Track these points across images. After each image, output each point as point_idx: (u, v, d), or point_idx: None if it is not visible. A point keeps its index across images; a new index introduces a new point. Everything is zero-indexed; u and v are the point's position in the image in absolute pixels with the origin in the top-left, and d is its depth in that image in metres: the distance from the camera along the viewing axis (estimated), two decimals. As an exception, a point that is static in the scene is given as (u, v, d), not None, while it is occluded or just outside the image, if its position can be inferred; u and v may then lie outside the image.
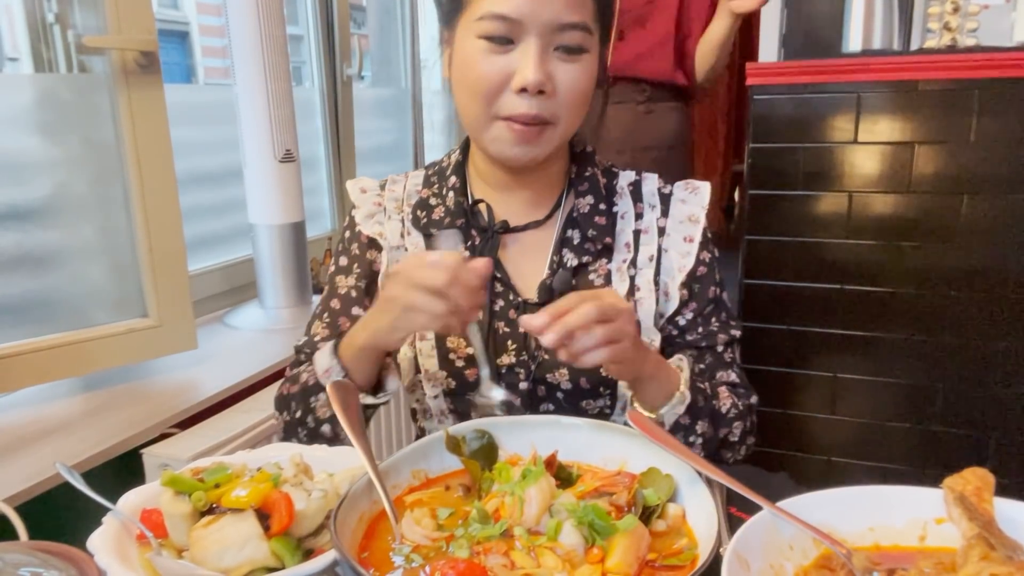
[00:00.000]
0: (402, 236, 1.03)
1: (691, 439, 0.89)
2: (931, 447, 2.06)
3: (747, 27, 4.30)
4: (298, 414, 0.94)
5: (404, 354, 0.98)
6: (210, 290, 1.88)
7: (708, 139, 4.64)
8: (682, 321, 1.00)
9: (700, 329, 1.00)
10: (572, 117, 0.92)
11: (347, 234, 1.07)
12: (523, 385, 0.95)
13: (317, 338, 1.01)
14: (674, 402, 0.86)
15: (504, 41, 0.87)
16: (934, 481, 0.64)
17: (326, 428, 0.92)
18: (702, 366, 0.99)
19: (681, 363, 0.91)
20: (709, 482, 0.64)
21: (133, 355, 1.44)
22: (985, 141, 1.88)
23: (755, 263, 2.11)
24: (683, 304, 0.99)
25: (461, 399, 0.97)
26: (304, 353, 1.02)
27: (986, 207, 1.90)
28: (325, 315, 1.03)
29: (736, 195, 4.06)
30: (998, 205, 1.90)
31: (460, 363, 0.96)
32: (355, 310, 1.02)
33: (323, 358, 0.89)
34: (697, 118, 4.63)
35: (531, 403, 0.96)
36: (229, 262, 1.95)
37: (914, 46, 2.01)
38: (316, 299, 1.82)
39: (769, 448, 2.18)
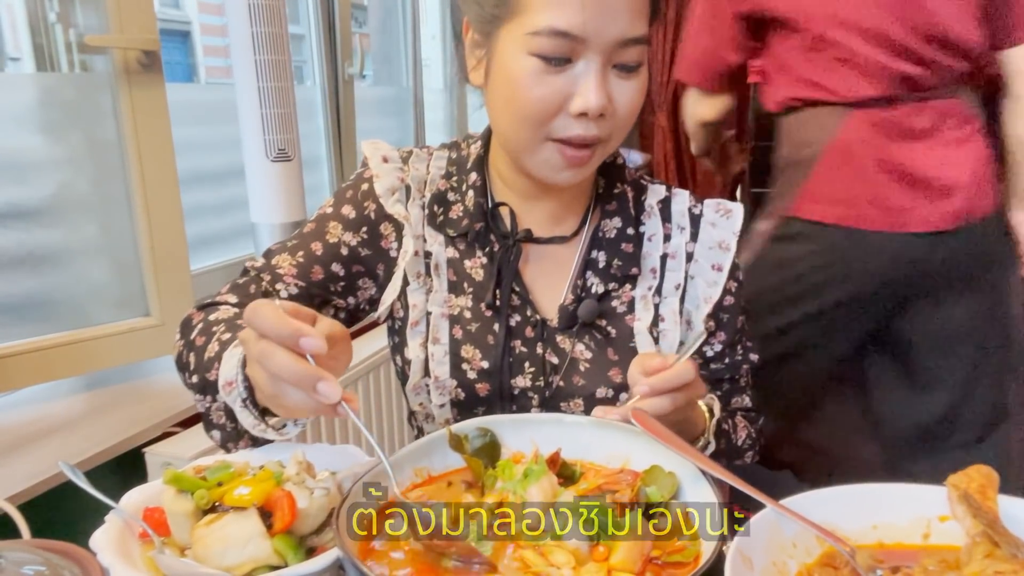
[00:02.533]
0: (423, 226, 0.95)
1: None
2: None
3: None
4: (189, 360, 0.84)
5: (415, 355, 0.92)
6: (212, 289, 1.86)
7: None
8: (709, 352, 0.97)
9: (727, 360, 0.98)
10: (623, 133, 0.86)
11: (365, 187, 0.94)
12: (535, 411, 0.91)
13: (281, 271, 0.91)
14: (699, 446, 0.85)
15: (561, 62, 0.79)
16: (936, 480, 0.64)
17: (215, 434, 0.82)
18: (726, 401, 0.97)
19: (713, 404, 0.88)
20: (711, 480, 0.64)
21: (135, 354, 1.44)
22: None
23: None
24: (711, 334, 0.96)
25: (468, 412, 0.92)
26: (253, 275, 0.93)
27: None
28: (300, 253, 0.92)
29: (738, 194, 4.06)
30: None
31: (473, 375, 0.91)
32: (335, 266, 0.93)
33: (228, 367, 0.72)
34: (699, 116, 4.63)
35: None
36: (231, 261, 1.94)
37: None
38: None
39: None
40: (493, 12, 0.82)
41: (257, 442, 0.80)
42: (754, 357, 1.00)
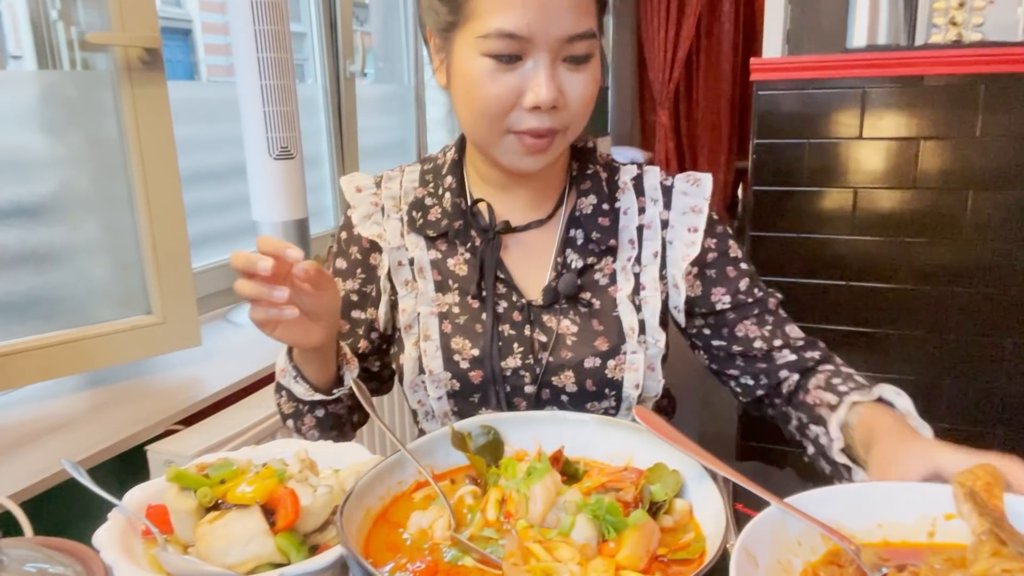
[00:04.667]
0: (402, 236, 1.01)
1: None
2: (936, 444, 2.05)
3: (751, 22, 4.30)
4: (279, 403, 1.02)
5: (408, 354, 0.96)
6: (214, 287, 1.88)
7: (712, 135, 4.63)
8: (719, 306, 0.98)
9: (749, 299, 0.99)
10: (581, 121, 0.90)
11: (344, 235, 1.05)
12: (528, 388, 0.94)
13: None
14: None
15: (512, 60, 0.84)
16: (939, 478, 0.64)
17: (289, 423, 1.00)
18: (775, 333, 0.98)
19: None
20: (716, 478, 0.64)
21: (137, 352, 1.44)
22: (991, 136, 1.87)
23: (759, 260, 2.11)
24: (709, 288, 0.98)
25: (465, 401, 0.95)
26: None
27: (992, 202, 1.90)
28: None
29: (740, 192, 4.06)
30: (1004, 200, 1.89)
31: (465, 364, 0.94)
32: (355, 313, 1.02)
33: (280, 358, 0.94)
34: (701, 115, 4.63)
35: (536, 406, 0.95)
36: (233, 259, 1.94)
37: (919, 41, 2.00)
38: (320, 296, 1.82)
39: (775, 444, 2.17)
40: (448, 19, 0.88)
41: (320, 420, 0.98)
42: (779, 296, 1.02)
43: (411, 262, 1.00)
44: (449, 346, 0.95)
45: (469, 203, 0.99)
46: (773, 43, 2.31)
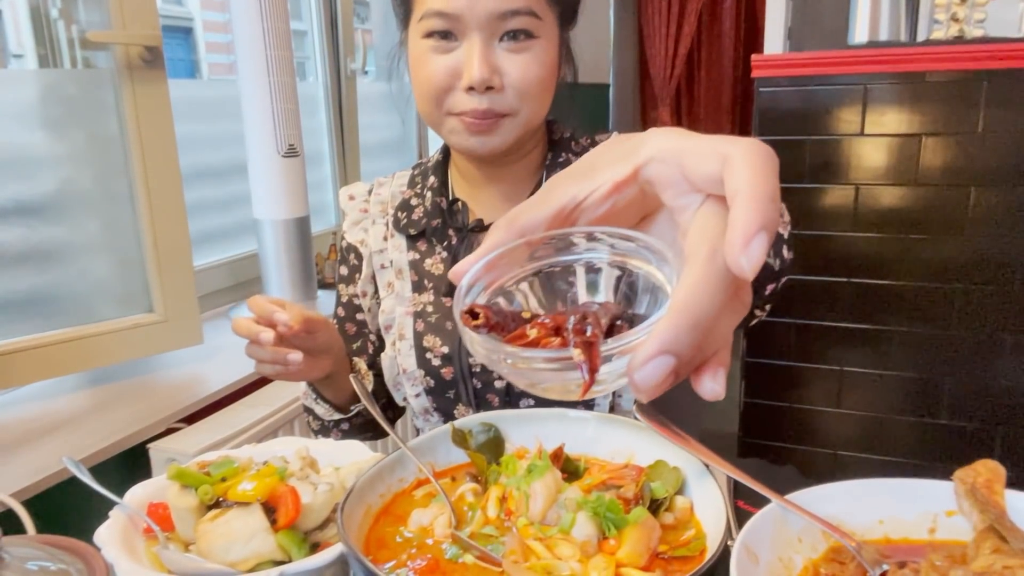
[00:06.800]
0: (385, 239, 1.03)
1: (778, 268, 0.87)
2: (938, 440, 2.05)
3: (753, 19, 4.29)
4: (308, 422, 1.09)
5: (386, 353, 1.00)
6: (215, 285, 1.88)
7: (713, 132, 4.62)
8: None
9: None
10: (531, 106, 0.89)
11: (343, 243, 1.09)
12: (499, 384, 0.95)
13: None
14: None
15: (446, 37, 0.86)
16: (941, 475, 0.64)
17: (319, 437, 1.06)
18: None
19: None
20: (716, 475, 0.64)
21: (139, 350, 1.44)
22: (993, 132, 1.87)
23: (761, 256, 2.10)
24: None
25: (441, 397, 0.97)
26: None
27: (994, 199, 1.89)
28: (334, 322, 1.06)
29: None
30: (1006, 197, 1.88)
31: (437, 361, 0.96)
32: (359, 316, 1.07)
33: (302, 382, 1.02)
34: (702, 112, 4.62)
35: (510, 402, 0.96)
36: (234, 257, 1.95)
37: (921, 37, 2.00)
38: (321, 294, 1.83)
39: (776, 442, 2.18)
40: (400, 10, 0.93)
41: (347, 432, 1.04)
42: None
43: (391, 263, 1.03)
44: (422, 344, 0.97)
45: (448, 202, 1.01)
46: (774, 40, 2.30)
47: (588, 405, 0.96)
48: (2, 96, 1.27)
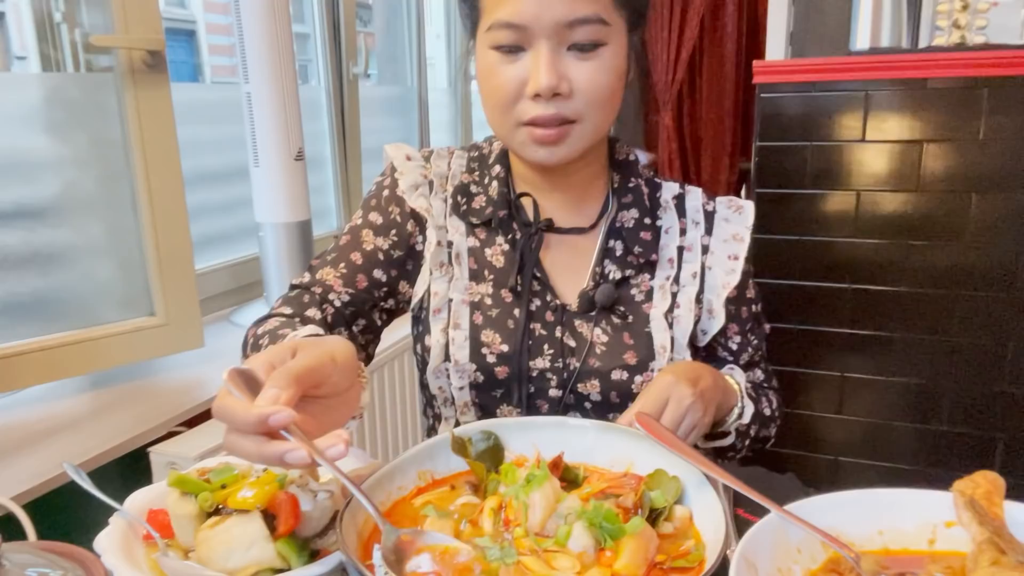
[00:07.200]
0: (445, 217, 1.00)
1: (746, 443, 0.96)
2: (939, 447, 2.05)
3: (754, 25, 4.29)
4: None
5: (436, 339, 0.95)
6: (217, 288, 1.88)
7: (715, 137, 4.63)
8: (733, 345, 1.03)
9: (749, 349, 1.04)
10: (598, 114, 0.89)
11: (386, 193, 1.02)
12: (553, 392, 0.94)
13: (329, 283, 0.97)
14: (734, 416, 0.92)
15: (514, 49, 0.86)
16: (942, 482, 0.64)
17: None
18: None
19: (733, 373, 0.97)
20: (716, 484, 0.64)
21: (140, 353, 1.44)
22: (994, 139, 1.87)
23: (762, 262, 2.10)
24: (729, 320, 1.00)
25: (487, 394, 0.95)
26: (303, 290, 0.98)
27: (995, 205, 1.89)
28: (342, 265, 0.98)
29: (743, 193, 4.05)
30: (1007, 203, 1.88)
31: (492, 359, 0.94)
32: (376, 272, 0.99)
33: None
34: (704, 117, 4.62)
35: (560, 411, 0.95)
36: (236, 260, 1.95)
37: (923, 44, 2.00)
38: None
39: (776, 448, 2.17)
40: (468, 20, 0.93)
41: None
42: (767, 327, 1.06)
43: (449, 245, 0.99)
44: (478, 338, 0.94)
45: (514, 196, 0.99)
46: (776, 46, 2.31)
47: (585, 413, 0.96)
48: (5, 99, 1.27)
